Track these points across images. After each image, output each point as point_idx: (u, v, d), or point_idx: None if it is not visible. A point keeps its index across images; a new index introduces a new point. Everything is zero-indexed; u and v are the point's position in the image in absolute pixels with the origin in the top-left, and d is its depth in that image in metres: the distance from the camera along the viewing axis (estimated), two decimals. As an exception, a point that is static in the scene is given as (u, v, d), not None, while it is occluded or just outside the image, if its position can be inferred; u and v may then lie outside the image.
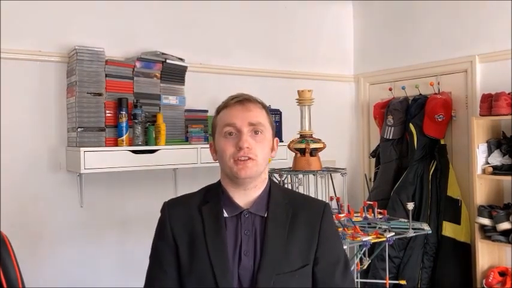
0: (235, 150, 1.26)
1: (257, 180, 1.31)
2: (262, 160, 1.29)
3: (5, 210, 2.45)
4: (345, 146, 3.83)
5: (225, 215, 1.29)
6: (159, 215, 1.39)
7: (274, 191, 1.35)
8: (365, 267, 2.22)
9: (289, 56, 3.49)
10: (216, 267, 1.23)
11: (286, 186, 2.40)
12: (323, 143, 2.37)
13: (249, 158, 1.25)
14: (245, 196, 1.30)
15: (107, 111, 2.59)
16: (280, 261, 1.24)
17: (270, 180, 1.38)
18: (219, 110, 1.34)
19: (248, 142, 1.25)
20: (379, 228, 2.14)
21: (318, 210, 1.34)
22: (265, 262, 1.24)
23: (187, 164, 2.74)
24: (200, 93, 3.05)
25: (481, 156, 2.79)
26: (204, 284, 1.23)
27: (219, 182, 1.36)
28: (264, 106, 1.35)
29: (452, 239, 2.99)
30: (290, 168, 2.41)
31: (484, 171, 2.78)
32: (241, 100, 1.30)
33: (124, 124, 2.58)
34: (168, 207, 1.36)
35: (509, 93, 2.70)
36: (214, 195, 1.33)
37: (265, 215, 1.29)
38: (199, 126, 2.91)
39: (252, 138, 1.27)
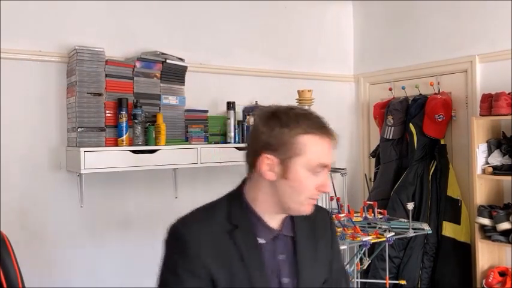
0: (314, 190, 1.18)
1: None
2: None
3: (5, 210, 2.45)
4: (345, 146, 3.83)
5: (261, 241, 1.20)
6: (159, 214, 1.37)
7: None
8: (365, 267, 2.22)
9: (289, 56, 3.49)
10: None
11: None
12: (323, 143, 2.37)
13: None
14: (276, 217, 1.23)
15: (107, 111, 2.59)
16: (314, 281, 1.24)
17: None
18: (306, 131, 1.16)
19: None
20: (379, 228, 2.14)
21: (326, 219, 1.33)
22: (303, 284, 1.21)
23: (187, 164, 2.74)
24: (200, 93, 3.05)
25: (481, 156, 2.79)
26: None
27: (242, 199, 1.23)
28: None
29: (452, 239, 2.99)
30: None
31: (484, 171, 2.78)
32: (331, 134, 1.19)
33: (124, 124, 2.58)
34: (190, 231, 1.18)
35: (509, 93, 2.70)
36: (242, 219, 1.20)
37: (293, 235, 1.25)
38: (199, 126, 2.91)
39: None
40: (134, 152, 2.57)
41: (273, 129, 1.16)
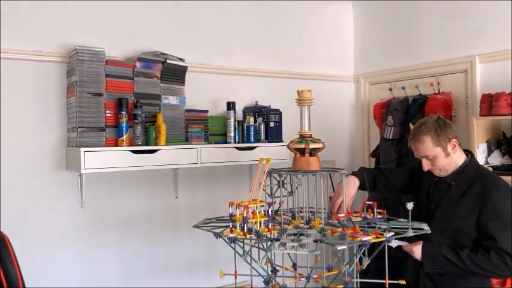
0: None
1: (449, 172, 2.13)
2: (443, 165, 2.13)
3: (5, 210, 2.46)
4: (345, 146, 3.83)
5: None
6: (159, 214, 1.38)
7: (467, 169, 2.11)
8: (364, 267, 2.22)
9: (289, 56, 3.50)
10: None
11: (285, 186, 2.40)
12: (323, 143, 2.36)
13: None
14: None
15: (107, 111, 2.60)
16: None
17: (470, 161, 2.13)
18: None
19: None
20: (379, 228, 2.14)
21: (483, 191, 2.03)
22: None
23: (187, 164, 2.74)
24: (200, 93, 3.05)
25: (481, 156, 2.79)
26: None
27: None
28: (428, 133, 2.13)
29: (452, 239, 2.98)
30: (289, 168, 2.40)
31: (483, 171, 2.77)
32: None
33: (124, 124, 2.58)
34: None
35: (509, 93, 2.70)
36: None
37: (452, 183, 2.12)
38: (199, 126, 2.91)
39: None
40: (134, 152, 2.57)
41: None
